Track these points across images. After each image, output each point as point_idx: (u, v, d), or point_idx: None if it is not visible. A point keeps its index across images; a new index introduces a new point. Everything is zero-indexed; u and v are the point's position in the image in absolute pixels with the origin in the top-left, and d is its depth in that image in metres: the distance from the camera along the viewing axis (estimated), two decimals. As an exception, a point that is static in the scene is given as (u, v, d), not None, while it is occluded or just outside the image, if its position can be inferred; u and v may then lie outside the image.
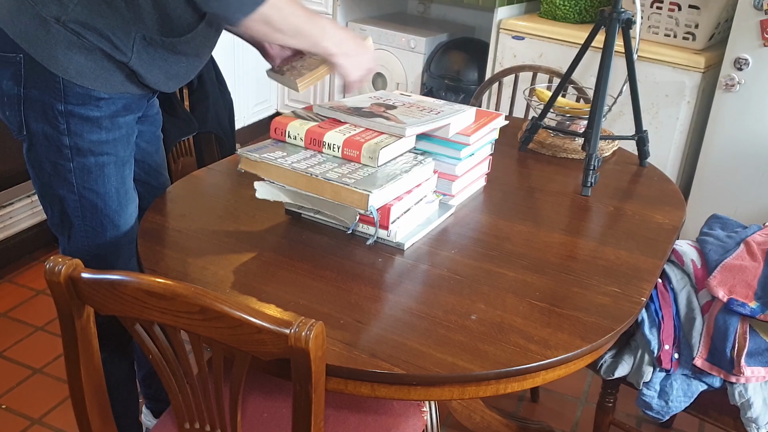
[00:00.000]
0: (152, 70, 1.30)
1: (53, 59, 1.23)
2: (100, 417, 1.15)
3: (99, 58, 1.25)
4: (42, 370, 2.13)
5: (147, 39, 1.26)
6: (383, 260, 1.29)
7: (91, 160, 1.32)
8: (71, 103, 1.26)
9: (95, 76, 1.26)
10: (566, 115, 1.88)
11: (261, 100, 3.82)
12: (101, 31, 1.23)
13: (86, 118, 1.28)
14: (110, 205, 1.37)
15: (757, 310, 1.36)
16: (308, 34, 1.30)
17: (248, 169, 1.34)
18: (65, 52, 1.23)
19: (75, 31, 1.22)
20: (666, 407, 1.43)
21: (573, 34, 2.89)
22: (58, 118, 1.27)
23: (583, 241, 1.41)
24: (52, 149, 1.30)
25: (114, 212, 1.37)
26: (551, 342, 1.09)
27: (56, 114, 1.27)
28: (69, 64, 1.24)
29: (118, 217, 1.38)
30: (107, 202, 1.36)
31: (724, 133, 2.63)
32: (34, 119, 1.28)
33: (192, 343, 0.99)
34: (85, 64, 1.25)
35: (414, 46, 3.45)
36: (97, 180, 1.34)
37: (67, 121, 1.27)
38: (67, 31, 1.22)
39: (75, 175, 1.32)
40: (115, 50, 1.25)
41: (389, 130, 1.37)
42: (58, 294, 1.01)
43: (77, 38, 1.23)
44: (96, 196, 1.35)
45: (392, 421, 1.30)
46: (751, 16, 2.44)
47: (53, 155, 1.30)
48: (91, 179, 1.33)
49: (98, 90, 1.28)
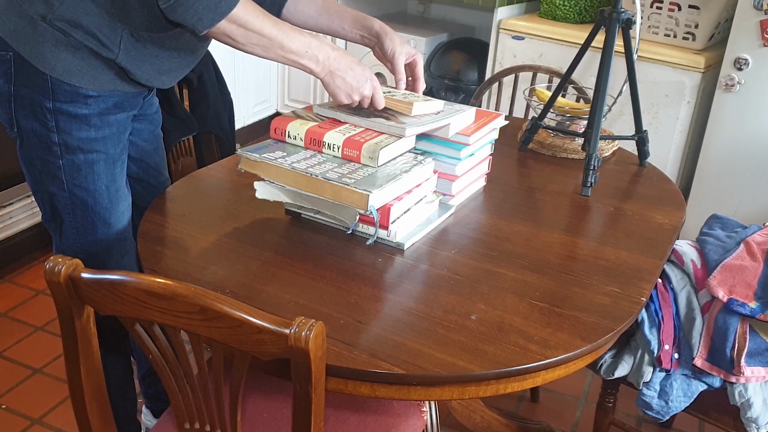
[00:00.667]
0: (142, 66, 1.30)
1: (41, 57, 1.24)
2: (100, 417, 1.15)
3: (86, 56, 1.26)
4: (42, 370, 2.13)
5: (134, 35, 1.26)
6: (383, 260, 1.29)
7: (81, 157, 1.32)
8: (60, 101, 1.27)
9: (82, 74, 1.27)
10: (566, 115, 1.88)
11: (261, 100, 3.82)
12: (87, 28, 1.23)
13: (75, 116, 1.29)
14: (101, 203, 1.37)
15: (757, 310, 1.36)
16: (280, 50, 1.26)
17: (248, 169, 1.34)
18: (52, 50, 1.24)
19: (61, 29, 1.23)
20: (666, 407, 1.43)
21: (573, 34, 2.89)
22: (47, 116, 1.28)
23: (583, 241, 1.41)
24: (42, 146, 1.30)
25: (104, 209, 1.38)
26: (551, 342, 1.09)
27: (45, 111, 1.27)
28: (56, 62, 1.24)
29: (108, 214, 1.39)
30: (97, 199, 1.36)
31: (724, 133, 2.63)
32: (24, 116, 1.29)
33: (192, 343, 0.99)
34: (72, 62, 1.25)
35: (414, 46, 3.45)
36: (87, 177, 1.34)
37: (55, 118, 1.28)
38: (54, 30, 1.23)
39: (64, 172, 1.32)
40: (102, 47, 1.25)
41: (389, 130, 1.37)
42: (58, 294, 1.01)
43: (64, 36, 1.23)
44: (86, 193, 1.35)
45: (392, 421, 1.30)
46: (751, 16, 2.44)
47: (43, 152, 1.31)
48: (81, 176, 1.33)
49: (86, 88, 1.28)
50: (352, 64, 1.32)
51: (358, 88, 1.33)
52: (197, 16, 1.18)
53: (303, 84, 3.78)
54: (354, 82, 1.33)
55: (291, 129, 1.37)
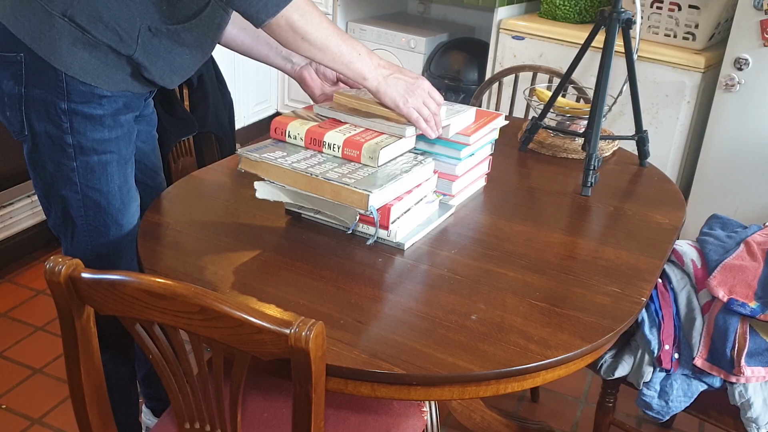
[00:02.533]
0: (157, 62, 1.31)
1: (57, 55, 1.23)
2: (100, 417, 1.15)
3: (103, 54, 1.26)
4: (42, 370, 2.13)
5: (152, 30, 1.26)
6: (383, 260, 1.29)
7: (95, 158, 1.32)
8: (74, 101, 1.26)
9: (98, 72, 1.26)
10: (566, 115, 1.88)
11: (261, 100, 3.82)
12: (108, 22, 1.23)
13: (89, 116, 1.28)
14: (113, 204, 1.37)
15: (757, 310, 1.36)
16: (337, 51, 1.28)
17: (248, 169, 1.34)
18: (70, 48, 1.23)
19: (80, 26, 1.22)
20: (666, 407, 1.43)
21: (573, 34, 2.89)
22: (61, 117, 1.27)
23: (583, 241, 1.41)
24: (56, 148, 1.30)
25: (117, 211, 1.37)
26: (551, 342, 1.09)
27: (59, 113, 1.27)
28: (73, 60, 1.24)
29: (121, 215, 1.38)
30: (110, 200, 1.36)
31: (724, 133, 2.63)
32: (37, 119, 1.28)
33: (192, 343, 0.99)
34: (89, 60, 1.25)
35: (414, 46, 3.45)
36: (101, 178, 1.34)
37: (70, 119, 1.27)
38: (72, 27, 1.22)
39: (78, 174, 1.32)
40: (121, 43, 1.25)
41: (389, 130, 1.37)
42: (58, 294, 1.01)
43: (82, 34, 1.23)
44: (99, 194, 1.35)
45: (392, 421, 1.30)
46: (751, 16, 2.44)
47: (57, 155, 1.30)
48: (95, 178, 1.33)
49: (101, 87, 1.28)
50: (399, 69, 1.37)
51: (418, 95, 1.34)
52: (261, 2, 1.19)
53: (303, 84, 3.78)
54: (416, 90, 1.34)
55: (291, 129, 1.37)
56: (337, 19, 3.53)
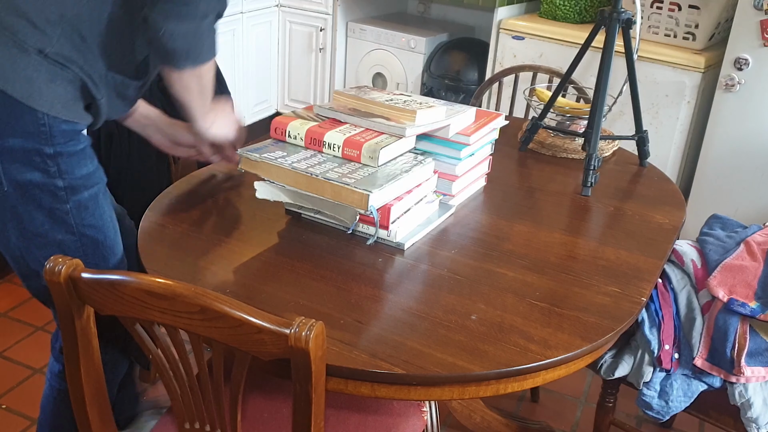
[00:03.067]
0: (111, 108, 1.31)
1: (37, 95, 1.16)
2: (100, 417, 1.15)
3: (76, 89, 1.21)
4: (42, 370, 2.13)
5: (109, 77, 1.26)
6: (383, 260, 1.29)
7: (85, 194, 1.26)
8: (59, 143, 1.20)
9: (77, 107, 1.22)
10: (566, 115, 1.88)
11: (261, 100, 3.82)
12: (82, 66, 1.20)
13: (73, 154, 1.23)
14: (108, 236, 1.32)
15: (757, 310, 1.36)
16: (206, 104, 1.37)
17: (248, 169, 1.34)
18: (48, 85, 1.17)
19: (59, 62, 1.17)
20: (666, 407, 1.43)
21: (573, 34, 2.89)
22: (47, 163, 1.20)
23: (583, 241, 1.41)
24: (45, 195, 1.22)
25: (112, 241, 1.34)
26: (551, 342, 1.09)
27: (45, 158, 1.19)
28: (54, 98, 1.18)
29: (115, 245, 1.35)
30: (106, 233, 1.32)
31: (724, 133, 2.63)
32: (18, 171, 1.19)
33: (192, 343, 0.99)
34: (65, 96, 1.19)
35: (414, 46, 3.45)
36: (94, 213, 1.29)
37: (57, 163, 1.21)
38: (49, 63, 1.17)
39: (72, 215, 1.26)
40: (94, 86, 1.23)
41: (389, 130, 1.37)
42: (58, 294, 1.01)
43: (60, 69, 1.18)
44: (95, 230, 1.30)
45: (392, 421, 1.30)
46: (751, 16, 2.44)
47: (47, 201, 1.22)
48: (89, 214, 1.28)
49: (79, 122, 1.23)
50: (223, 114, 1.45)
51: None
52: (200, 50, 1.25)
53: (303, 84, 3.78)
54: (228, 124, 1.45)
55: (291, 129, 1.37)
56: (337, 19, 3.53)
